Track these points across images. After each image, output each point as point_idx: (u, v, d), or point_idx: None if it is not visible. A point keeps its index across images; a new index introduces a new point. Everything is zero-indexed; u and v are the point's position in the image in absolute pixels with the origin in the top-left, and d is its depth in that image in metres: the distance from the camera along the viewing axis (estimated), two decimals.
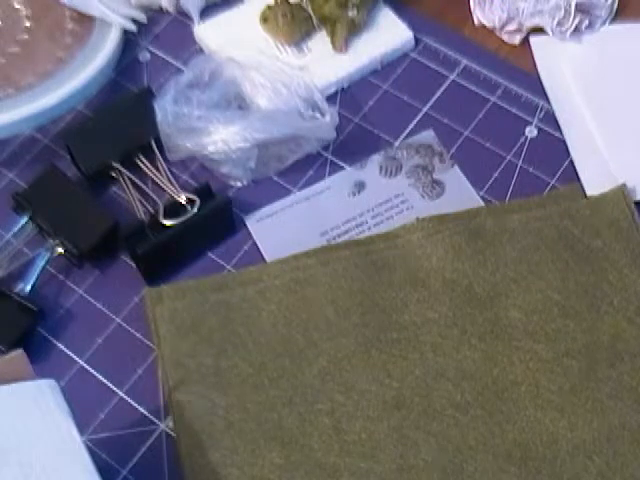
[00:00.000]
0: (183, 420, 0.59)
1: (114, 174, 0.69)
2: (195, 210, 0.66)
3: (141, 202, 0.68)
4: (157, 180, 0.68)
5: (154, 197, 0.68)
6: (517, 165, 0.70)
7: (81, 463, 0.49)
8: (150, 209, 0.67)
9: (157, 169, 0.69)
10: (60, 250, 0.66)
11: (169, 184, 0.68)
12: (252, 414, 0.59)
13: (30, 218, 0.67)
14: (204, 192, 0.67)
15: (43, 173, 0.68)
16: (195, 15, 0.78)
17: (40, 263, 0.65)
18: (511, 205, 0.67)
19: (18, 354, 0.52)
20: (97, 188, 0.70)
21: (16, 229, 0.67)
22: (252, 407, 0.60)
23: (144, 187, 0.69)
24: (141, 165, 0.69)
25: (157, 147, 0.69)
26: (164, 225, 0.65)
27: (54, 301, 0.66)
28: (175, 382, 0.61)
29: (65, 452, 0.49)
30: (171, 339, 0.62)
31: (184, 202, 0.67)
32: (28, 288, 0.65)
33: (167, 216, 0.65)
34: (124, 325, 0.65)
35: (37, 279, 0.65)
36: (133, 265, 0.66)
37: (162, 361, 0.62)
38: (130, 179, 0.69)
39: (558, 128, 0.72)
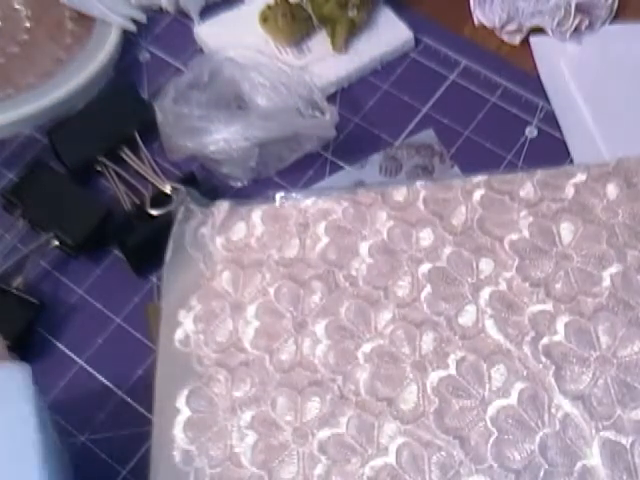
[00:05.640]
0: None
1: (99, 168, 0.70)
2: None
3: (127, 194, 0.68)
4: (142, 171, 0.69)
5: (140, 188, 0.68)
6: (517, 165, 0.70)
7: (28, 461, 0.46)
8: (136, 200, 0.67)
9: (141, 160, 0.69)
10: (55, 242, 0.66)
11: (154, 174, 0.68)
12: None
13: (21, 214, 0.67)
14: (189, 180, 0.67)
15: (29, 168, 0.68)
16: (195, 15, 0.78)
17: (36, 258, 0.66)
18: None
19: None
20: (83, 182, 0.69)
21: (8, 226, 0.67)
22: None
23: (130, 179, 0.69)
24: (125, 158, 0.69)
25: (141, 139, 0.70)
26: (151, 215, 0.65)
27: (54, 301, 0.66)
28: None
29: (14, 447, 0.47)
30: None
31: (169, 192, 0.67)
32: (26, 282, 0.65)
33: (153, 206, 0.66)
34: (124, 325, 0.65)
35: (34, 273, 0.66)
36: None
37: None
38: (116, 172, 0.69)
39: (558, 128, 0.72)
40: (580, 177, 0.63)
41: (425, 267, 0.61)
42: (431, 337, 0.58)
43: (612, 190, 0.63)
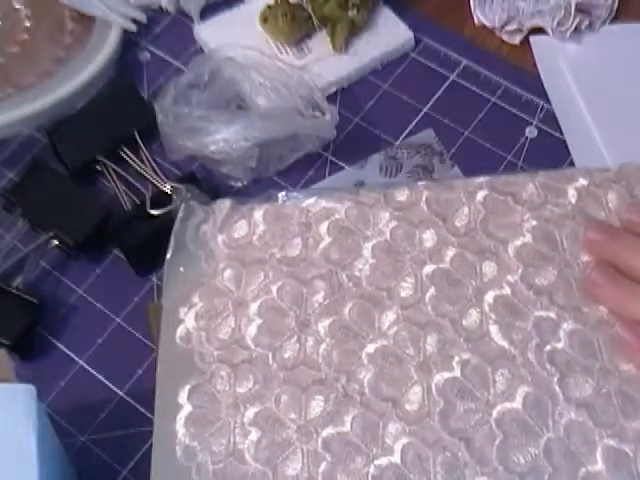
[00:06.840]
0: None
1: (99, 168, 0.70)
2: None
3: (127, 194, 0.68)
4: (142, 171, 0.69)
5: (140, 188, 0.68)
6: (517, 165, 0.70)
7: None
8: (136, 200, 0.67)
9: (141, 160, 0.69)
10: (55, 242, 0.66)
11: (154, 174, 0.68)
12: None
13: (21, 214, 0.67)
14: (189, 181, 0.67)
15: (29, 168, 0.68)
16: (195, 15, 0.78)
17: (36, 258, 0.66)
18: None
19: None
20: (83, 182, 0.69)
21: (8, 226, 0.67)
22: None
23: (130, 179, 0.69)
24: (125, 157, 0.69)
25: (141, 139, 0.70)
26: (151, 215, 0.66)
27: (54, 301, 0.65)
28: None
29: (13, 469, 0.47)
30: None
31: (169, 191, 0.67)
32: (26, 282, 0.65)
33: (154, 206, 0.66)
34: (124, 325, 0.64)
35: (34, 274, 0.65)
36: None
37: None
38: (115, 172, 0.69)
39: (558, 128, 0.72)
40: (582, 181, 0.63)
41: (429, 268, 0.60)
42: (435, 339, 0.58)
43: (613, 198, 0.63)
